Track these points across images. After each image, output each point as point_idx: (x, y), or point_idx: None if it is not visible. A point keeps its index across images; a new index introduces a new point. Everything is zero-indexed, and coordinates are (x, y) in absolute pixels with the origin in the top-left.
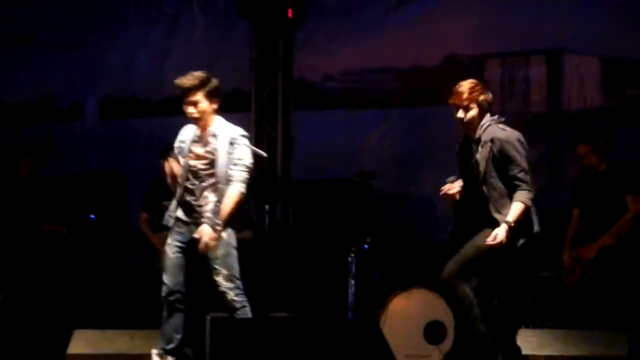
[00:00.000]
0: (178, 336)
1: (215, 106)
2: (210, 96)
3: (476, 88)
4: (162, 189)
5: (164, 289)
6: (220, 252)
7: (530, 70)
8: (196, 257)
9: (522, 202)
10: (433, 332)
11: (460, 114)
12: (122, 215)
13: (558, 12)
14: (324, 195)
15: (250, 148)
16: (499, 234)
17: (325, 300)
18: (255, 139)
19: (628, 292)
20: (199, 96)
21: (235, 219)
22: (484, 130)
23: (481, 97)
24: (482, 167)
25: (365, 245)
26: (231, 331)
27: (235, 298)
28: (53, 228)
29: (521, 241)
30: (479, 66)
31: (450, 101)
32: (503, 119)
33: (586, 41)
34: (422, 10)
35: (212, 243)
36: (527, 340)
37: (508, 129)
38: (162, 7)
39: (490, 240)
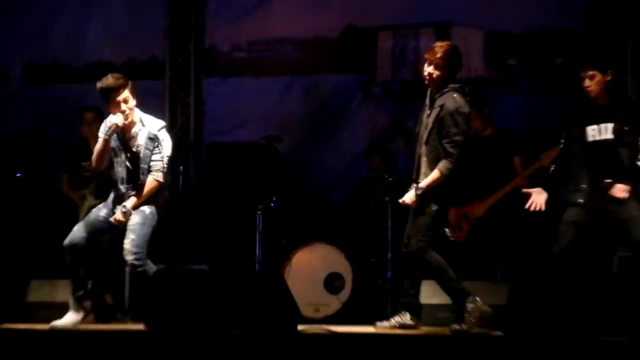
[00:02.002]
0: (86, 282)
1: (135, 102)
2: (134, 92)
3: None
4: (80, 150)
5: (68, 238)
6: (137, 219)
7: (420, 42)
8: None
9: (440, 171)
10: (332, 283)
11: (430, 69)
12: (49, 174)
13: None
14: (234, 157)
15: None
16: (407, 197)
17: (235, 254)
18: (170, 105)
19: (512, 246)
20: (127, 93)
21: (159, 197)
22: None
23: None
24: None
25: (272, 204)
26: (149, 281)
27: (135, 262)
28: None
29: (434, 207)
30: (373, 37)
31: (426, 56)
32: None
33: (472, 15)
34: None
35: (118, 223)
36: None
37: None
38: None
39: (401, 200)
